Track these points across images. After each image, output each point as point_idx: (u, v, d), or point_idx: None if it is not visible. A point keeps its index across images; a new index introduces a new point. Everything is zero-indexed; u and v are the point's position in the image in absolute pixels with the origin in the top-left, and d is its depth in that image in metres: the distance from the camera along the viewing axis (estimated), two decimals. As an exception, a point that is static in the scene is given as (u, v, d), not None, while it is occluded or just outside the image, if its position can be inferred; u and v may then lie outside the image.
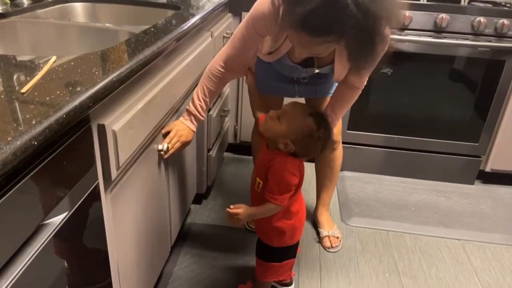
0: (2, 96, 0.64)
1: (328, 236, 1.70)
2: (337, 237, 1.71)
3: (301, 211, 1.26)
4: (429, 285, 1.52)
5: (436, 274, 1.57)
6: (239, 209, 1.14)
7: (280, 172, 1.13)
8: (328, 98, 1.48)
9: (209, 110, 1.69)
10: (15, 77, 0.74)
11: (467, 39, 1.87)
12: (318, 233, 1.74)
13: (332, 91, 1.47)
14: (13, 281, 0.56)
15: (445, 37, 1.88)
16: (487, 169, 2.11)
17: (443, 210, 1.94)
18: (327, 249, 1.68)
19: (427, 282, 1.53)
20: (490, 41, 1.87)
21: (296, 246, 1.29)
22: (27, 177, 0.57)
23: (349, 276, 1.55)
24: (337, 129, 1.57)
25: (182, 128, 1.25)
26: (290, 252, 1.29)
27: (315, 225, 1.79)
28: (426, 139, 2.09)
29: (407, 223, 1.84)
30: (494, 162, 2.09)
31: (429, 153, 2.12)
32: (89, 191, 0.77)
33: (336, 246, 1.69)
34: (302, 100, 1.59)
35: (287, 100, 1.61)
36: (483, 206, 1.99)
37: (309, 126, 1.11)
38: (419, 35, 1.88)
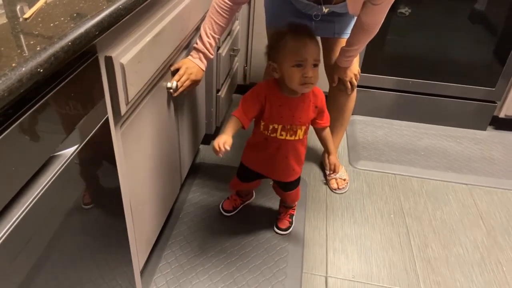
0: (5, 22, 0.61)
1: (335, 178, 1.72)
2: (344, 179, 1.72)
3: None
4: (433, 226, 1.55)
5: (440, 216, 1.60)
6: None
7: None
8: (343, 40, 1.42)
9: (218, 49, 1.64)
10: (17, 3, 0.70)
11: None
12: (325, 175, 1.76)
13: (350, 30, 1.41)
14: (25, 211, 0.57)
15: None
16: (501, 115, 2.07)
17: (453, 155, 1.94)
18: (333, 190, 1.70)
19: (431, 223, 1.56)
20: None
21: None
22: (35, 107, 0.56)
23: (354, 216, 1.58)
24: (355, 71, 1.52)
25: (192, 66, 1.22)
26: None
27: (323, 167, 1.80)
28: (441, 83, 2.03)
29: (415, 167, 1.85)
30: (509, 108, 2.04)
31: (443, 98, 2.07)
32: (99, 125, 0.76)
33: (343, 188, 1.70)
34: (318, 39, 1.53)
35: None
36: (493, 152, 1.97)
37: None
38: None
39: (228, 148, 1.05)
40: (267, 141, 1.24)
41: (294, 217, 1.51)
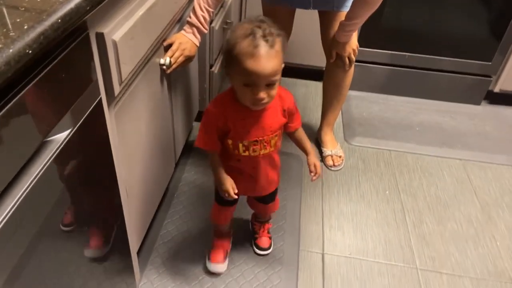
0: (-14, -3, 0.56)
1: (331, 155, 1.71)
2: (340, 156, 1.71)
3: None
4: (428, 202, 1.56)
5: (435, 192, 1.61)
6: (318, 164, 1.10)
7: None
8: (343, 14, 1.37)
9: (211, 22, 1.58)
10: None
11: None
12: (321, 152, 1.74)
13: (349, 3, 1.36)
14: (21, 198, 0.54)
15: None
16: (496, 89, 2.06)
17: (447, 131, 1.93)
18: (329, 167, 1.69)
19: (426, 199, 1.57)
20: None
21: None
22: (23, 91, 0.52)
23: (350, 193, 1.58)
24: (354, 46, 1.47)
25: (185, 41, 1.17)
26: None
27: (318, 144, 1.78)
28: (437, 57, 2.00)
29: (410, 143, 1.84)
30: (504, 83, 2.03)
31: (439, 72, 2.05)
32: (92, 107, 0.72)
33: (339, 165, 1.70)
34: (315, 13, 1.48)
35: (299, 13, 1.50)
36: (487, 127, 1.98)
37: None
38: None
39: (236, 189, 1.03)
40: (241, 162, 1.05)
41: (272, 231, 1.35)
